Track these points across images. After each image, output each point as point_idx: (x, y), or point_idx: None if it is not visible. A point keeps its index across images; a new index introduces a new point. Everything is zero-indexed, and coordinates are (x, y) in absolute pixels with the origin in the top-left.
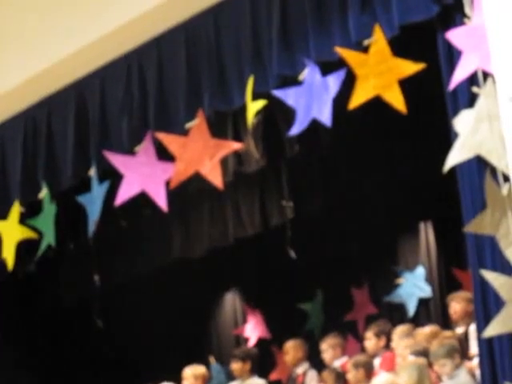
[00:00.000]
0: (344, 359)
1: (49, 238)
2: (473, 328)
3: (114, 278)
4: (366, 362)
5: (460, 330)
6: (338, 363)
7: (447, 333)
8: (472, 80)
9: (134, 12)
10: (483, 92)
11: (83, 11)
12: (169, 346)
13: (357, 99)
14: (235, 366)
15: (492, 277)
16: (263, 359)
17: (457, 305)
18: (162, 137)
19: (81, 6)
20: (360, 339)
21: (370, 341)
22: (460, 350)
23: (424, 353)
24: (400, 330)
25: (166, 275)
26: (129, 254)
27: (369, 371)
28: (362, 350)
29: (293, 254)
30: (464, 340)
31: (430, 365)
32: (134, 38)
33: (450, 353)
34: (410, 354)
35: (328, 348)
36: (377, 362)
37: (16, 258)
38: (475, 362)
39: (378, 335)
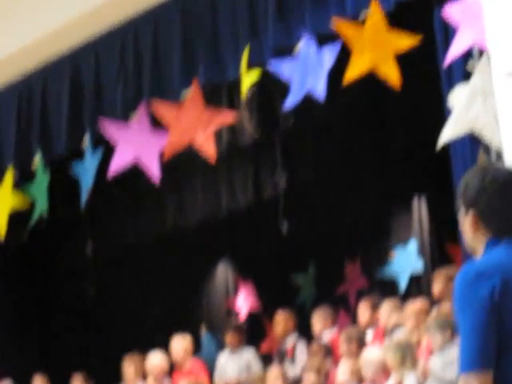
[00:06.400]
0: (333, 330)
1: (41, 207)
2: None
3: (106, 249)
4: (359, 335)
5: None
6: (327, 334)
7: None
8: (467, 57)
9: None
10: (478, 68)
11: None
12: (160, 316)
13: (352, 72)
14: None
15: None
16: (254, 330)
17: (437, 284)
18: (157, 105)
19: None
20: (351, 312)
21: (364, 314)
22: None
23: None
24: (388, 305)
25: (159, 246)
26: (121, 226)
27: (361, 344)
28: (353, 322)
29: (284, 228)
30: None
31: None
32: (130, 10)
33: (442, 326)
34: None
35: (318, 319)
36: (369, 334)
37: (8, 229)
38: None
39: (372, 308)
